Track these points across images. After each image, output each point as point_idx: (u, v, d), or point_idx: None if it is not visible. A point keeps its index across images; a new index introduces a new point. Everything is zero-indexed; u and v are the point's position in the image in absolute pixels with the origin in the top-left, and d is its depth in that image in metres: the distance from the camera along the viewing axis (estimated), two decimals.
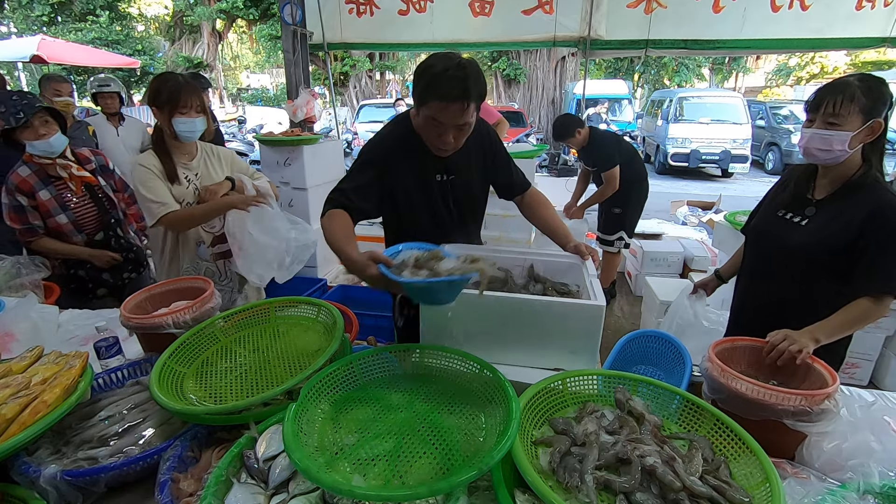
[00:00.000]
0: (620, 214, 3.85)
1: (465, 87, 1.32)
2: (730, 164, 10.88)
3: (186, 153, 2.05)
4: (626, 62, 19.48)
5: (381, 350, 1.27)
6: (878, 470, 0.97)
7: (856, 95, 1.32)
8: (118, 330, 1.50)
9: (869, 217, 1.36)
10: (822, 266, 1.46)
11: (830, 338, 1.32)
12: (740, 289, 1.75)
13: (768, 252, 1.59)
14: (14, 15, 15.60)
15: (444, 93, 1.32)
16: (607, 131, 3.99)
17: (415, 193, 1.59)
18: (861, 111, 1.33)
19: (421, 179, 1.58)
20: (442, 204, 1.63)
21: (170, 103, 1.89)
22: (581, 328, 1.27)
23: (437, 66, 1.33)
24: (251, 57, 21.93)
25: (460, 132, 1.43)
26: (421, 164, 1.56)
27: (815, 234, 1.46)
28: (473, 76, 1.33)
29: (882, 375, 3.06)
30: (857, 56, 17.20)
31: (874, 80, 1.36)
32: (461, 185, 1.64)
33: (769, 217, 1.61)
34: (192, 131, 1.95)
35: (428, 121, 1.41)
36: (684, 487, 0.84)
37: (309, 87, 4.59)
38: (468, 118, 1.39)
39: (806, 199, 1.52)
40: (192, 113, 1.93)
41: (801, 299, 1.52)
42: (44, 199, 2.12)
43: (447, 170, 1.60)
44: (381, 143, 1.59)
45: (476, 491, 0.94)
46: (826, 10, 3.94)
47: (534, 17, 4.44)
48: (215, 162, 2.14)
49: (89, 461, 1.05)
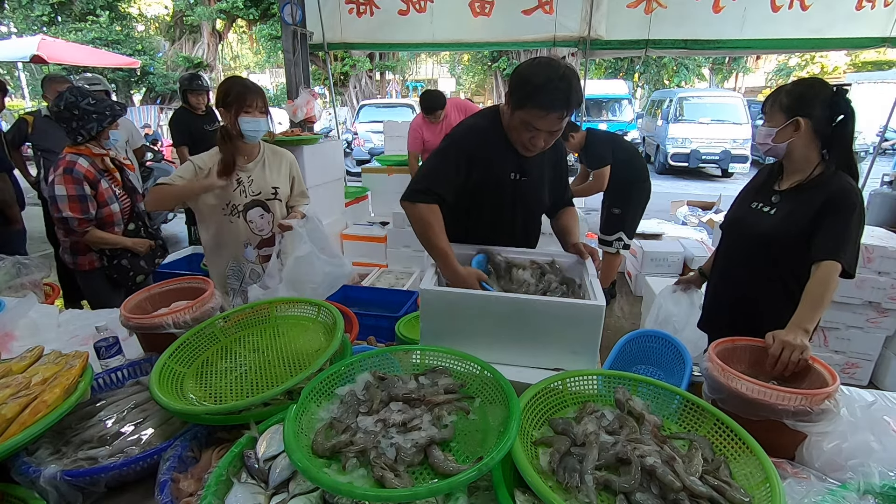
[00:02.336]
0: (620, 215, 3.83)
1: (567, 98, 1.39)
2: (730, 164, 10.90)
3: (246, 155, 2.10)
4: (626, 62, 19.47)
5: (381, 351, 1.27)
6: (878, 470, 0.96)
7: (779, 97, 1.54)
8: (118, 330, 1.50)
9: (828, 199, 1.48)
10: (788, 249, 1.55)
11: (813, 321, 1.36)
12: (714, 279, 1.84)
13: (741, 242, 1.69)
14: (14, 15, 15.60)
15: (547, 104, 1.40)
16: (605, 131, 3.95)
17: (488, 187, 1.63)
18: (782, 110, 1.52)
19: (497, 174, 1.62)
20: (510, 202, 1.67)
21: (237, 103, 1.95)
22: (581, 328, 1.27)
23: (540, 75, 1.39)
24: (251, 57, 21.94)
25: (552, 137, 1.51)
26: (500, 160, 1.61)
27: (782, 221, 1.57)
28: (575, 88, 1.41)
29: (882, 375, 3.06)
30: (857, 56, 17.20)
31: (806, 83, 1.55)
32: (531, 187, 1.67)
33: (743, 209, 1.72)
34: (257, 130, 2.00)
35: (524, 124, 1.47)
36: (684, 487, 0.84)
37: (309, 87, 4.59)
38: (562, 125, 1.47)
39: (772, 191, 1.65)
40: (256, 113, 1.98)
41: (770, 284, 1.61)
42: (103, 188, 2.25)
43: (522, 170, 1.63)
44: (466, 134, 1.63)
45: (476, 491, 0.94)
46: (826, 10, 3.94)
47: (534, 17, 4.45)
48: (274, 167, 2.18)
49: (89, 461, 1.05)
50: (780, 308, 1.47)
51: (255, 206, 2.11)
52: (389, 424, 1.00)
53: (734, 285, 1.73)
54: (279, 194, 2.16)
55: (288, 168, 2.24)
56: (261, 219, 2.14)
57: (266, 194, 2.13)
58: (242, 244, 2.13)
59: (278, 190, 2.16)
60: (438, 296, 1.34)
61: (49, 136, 3.32)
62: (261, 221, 2.14)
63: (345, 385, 1.15)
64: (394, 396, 1.09)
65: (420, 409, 1.05)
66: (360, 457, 0.93)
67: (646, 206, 3.89)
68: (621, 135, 4.13)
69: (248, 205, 2.09)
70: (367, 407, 1.06)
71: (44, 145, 3.32)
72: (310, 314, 1.49)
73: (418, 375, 1.18)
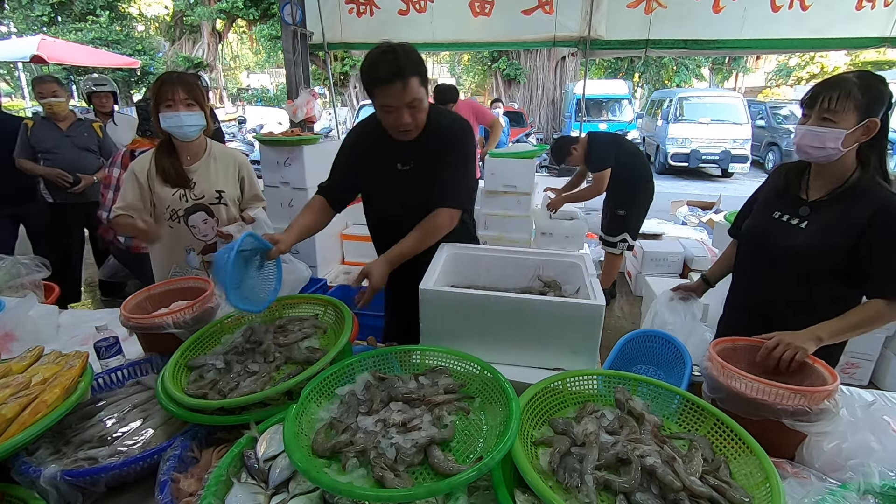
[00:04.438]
0: (625, 216, 3.80)
1: (395, 66, 1.40)
2: (730, 164, 10.88)
3: (189, 154, 1.96)
4: (626, 62, 19.46)
5: (381, 351, 1.27)
6: (878, 470, 0.96)
7: (852, 92, 1.28)
8: (118, 330, 1.50)
9: (872, 218, 1.33)
10: (822, 268, 1.43)
11: (836, 338, 1.31)
12: (735, 292, 1.72)
13: (765, 254, 1.55)
14: (14, 15, 15.60)
15: (381, 77, 1.42)
16: (606, 133, 3.97)
17: (376, 181, 1.72)
18: (857, 109, 1.29)
19: (382, 167, 1.68)
20: (403, 192, 1.68)
21: (154, 97, 1.83)
22: (581, 328, 1.27)
23: (369, 58, 1.45)
24: (251, 57, 21.92)
25: (414, 109, 1.50)
26: (383, 153, 1.66)
27: (816, 236, 1.42)
28: (402, 55, 1.42)
29: (882, 375, 3.05)
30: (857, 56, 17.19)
31: (873, 77, 1.32)
32: (425, 174, 1.64)
33: (764, 219, 1.57)
34: (179, 126, 1.83)
35: (380, 108, 1.51)
36: (684, 487, 0.84)
37: (309, 87, 4.59)
38: (413, 94, 1.46)
39: (799, 199, 1.48)
40: (179, 106, 1.81)
41: (798, 301, 1.49)
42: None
43: (406, 158, 1.66)
44: (352, 130, 1.81)
45: (476, 491, 0.94)
46: (826, 10, 3.94)
47: (534, 17, 4.44)
48: (221, 169, 2.03)
49: (89, 461, 1.05)
50: (806, 326, 1.32)
51: (198, 210, 1.98)
52: (389, 424, 1.00)
53: (758, 299, 1.60)
54: (224, 198, 2.01)
55: (236, 170, 2.08)
56: (204, 224, 2.00)
57: (210, 198, 1.98)
58: (184, 250, 2.02)
59: (223, 194, 2.01)
60: (438, 296, 1.34)
61: (48, 137, 3.33)
62: (204, 227, 2.01)
63: (345, 385, 1.15)
64: (394, 396, 1.09)
65: (420, 409, 1.05)
66: (360, 457, 0.93)
67: (649, 206, 3.87)
68: (622, 135, 4.11)
69: (189, 209, 1.96)
70: (367, 407, 1.06)
71: (44, 146, 3.31)
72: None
73: (418, 375, 1.18)
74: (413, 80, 1.43)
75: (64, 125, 3.40)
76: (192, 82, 1.88)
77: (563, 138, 3.87)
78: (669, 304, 1.87)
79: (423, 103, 1.51)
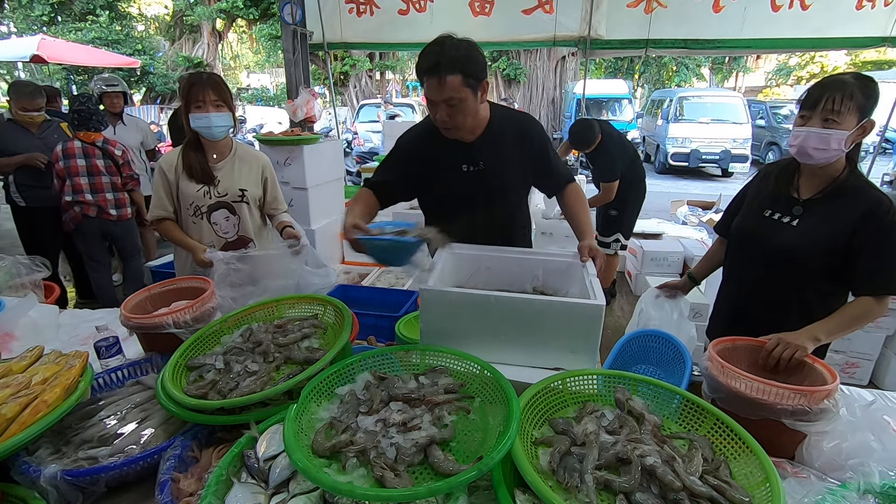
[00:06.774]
0: (617, 216, 3.84)
1: (436, 60, 1.34)
2: (730, 164, 10.90)
3: (215, 152, 2.02)
4: (626, 62, 19.48)
5: (381, 351, 1.27)
6: (878, 470, 0.97)
7: (854, 93, 1.29)
8: (118, 330, 1.51)
9: (863, 217, 1.36)
10: (815, 267, 1.45)
11: (831, 337, 1.33)
12: (725, 291, 1.72)
13: (756, 253, 1.56)
14: (14, 15, 15.58)
15: (421, 68, 1.39)
16: (619, 138, 3.77)
17: (440, 181, 1.66)
18: (857, 109, 1.30)
19: (445, 167, 1.63)
20: (468, 193, 1.66)
21: (185, 99, 1.89)
22: (581, 328, 1.27)
23: (423, 50, 1.40)
24: (251, 57, 21.89)
25: (452, 108, 1.43)
26: (446, 154, 1.62)
27: (808, 235, 1.43)
28: (448, 50, 1.35)
29: (882, 375, 3.06)
30: (857, 56, 17.19)
31: (867, 77, 1.34)
32: (491, 175, 1.65)
33: (755, 218, 1.57)
34: (208, 126, 1.91)
35: (427, 103, 1.46)
36: (684, 487, 0.84)
37: (309, 87, 4.59)
38: (450, 93, 1.39)
39: (791, 199, 1.50)
40: (208, 107, 1.88)
41: (787, 298, 1.51)
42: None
43: (473, 160, 1.63)
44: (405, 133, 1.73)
45: (476, 491, 0.94)
46: (826, 10, 3.94)
47: (534, 17, 4.44)
48: (245, 169, 2.08)
49: (89, 461, 1.06)
50: (797, 323, 1.35)
51: (220, 207, 2.02)
52: (389, 424, 1.00)
53: (747, 297, 1.61)
54: (247, 197, 2.07)
55: (260, 171, 2.13)
56: (226, 221, 2.05)
57: (233, 196, 2.03)
58: (206, 246, 2.03)
59: (246, 193, 2.06)
60: (438, 295, 1.33)
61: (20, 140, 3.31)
62: (226, 224, 2.05)
63: (345, 385, 1.15)
64: (394, 396, 1.09)
65: (420, 409, 1.05)
66: (360, 456, 0.93)
67: (642, 205, 3.89)
68: (624, 135, 4.09)
69: (212, 206, 2.00)
70: (367, 407, 1.06)
71: (14, 150, 3.29)
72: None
73: (418, 375, 1.18)
74: (452, 77, 1.36)
75: (35, 128, 3.37)
76: (221, 84, 1.95)
77: (586, 123, 3.67)
78: (655, 301, 1.88)
79: (466, 104, 1.44)
